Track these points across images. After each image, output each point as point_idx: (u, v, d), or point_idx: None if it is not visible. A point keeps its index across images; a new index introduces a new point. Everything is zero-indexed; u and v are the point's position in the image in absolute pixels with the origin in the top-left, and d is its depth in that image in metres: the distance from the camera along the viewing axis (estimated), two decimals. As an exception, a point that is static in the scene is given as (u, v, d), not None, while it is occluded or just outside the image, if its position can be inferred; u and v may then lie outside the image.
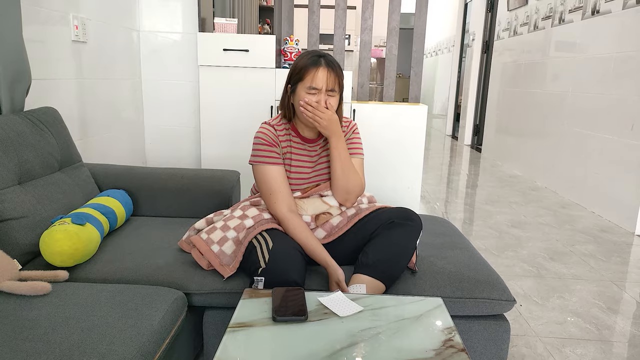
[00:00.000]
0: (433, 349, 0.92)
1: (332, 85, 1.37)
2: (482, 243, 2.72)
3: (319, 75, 1.36)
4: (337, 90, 1.39)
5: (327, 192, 1.48)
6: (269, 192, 1.40)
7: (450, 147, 6.61)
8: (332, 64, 1.38)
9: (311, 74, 1.36)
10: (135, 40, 2.82)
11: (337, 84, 1.39)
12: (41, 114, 1.60)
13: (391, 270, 1.30)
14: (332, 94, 1.39)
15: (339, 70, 1.40)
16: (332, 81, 1.37)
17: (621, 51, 3.17)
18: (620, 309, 2.00)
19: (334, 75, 1.37)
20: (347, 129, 1.53)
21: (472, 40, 6.39)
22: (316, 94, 1.37)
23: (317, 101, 1.37)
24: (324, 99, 1.37)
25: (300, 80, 1.38)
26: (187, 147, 3.04)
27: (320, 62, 1.37)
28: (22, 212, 1.34)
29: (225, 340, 0.94)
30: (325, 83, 1.36)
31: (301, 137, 1.47)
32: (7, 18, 1.49)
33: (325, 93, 1.37)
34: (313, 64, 1.36)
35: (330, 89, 1.37)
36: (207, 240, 1.37)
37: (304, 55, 1.41)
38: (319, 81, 1.36)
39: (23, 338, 0.96)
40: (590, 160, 3.50)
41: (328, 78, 1.36)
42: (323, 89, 1.36)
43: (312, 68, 1.36)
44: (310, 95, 1.37)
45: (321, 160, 1.50)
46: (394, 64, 2.92)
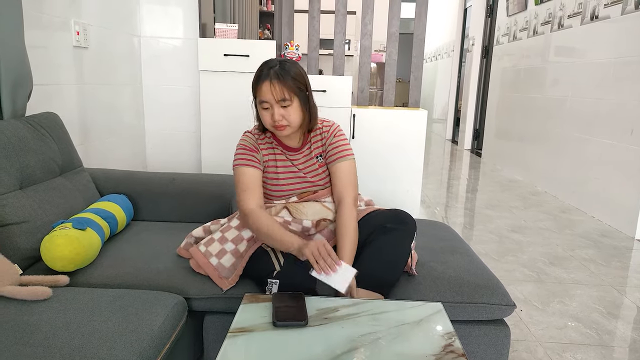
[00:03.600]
0: (433, 354, 0.92)
1: (279, 96, 1.31)
2: (482, 248, 2.72)
3: (263, 88, 1.32)
4: (289, 99, 1.32)
5: (326, 198, 1.46)
6: (243, 189, 1.39)
7: (450, 151, 6.62)
8: (277, 73, 1.31)
9: (258, 88, 1.33)
10: (136, 45, 2.84)
11: (288, 92, 1.31)
12: (42, 119, 1.61)
13: (388, 279, 1.29)
14: (285, 104, 1.33)
15: (290, 79, 1.32)
16: (279, 92, 1.31)
17: (620, 56, 3.18)
18: (620, 313, 2.00)
19: (280, 85, 1.30)
20: (328, 134, 1.47)
21: (471, 45, 6.41)
22: (269, 107, 1.33)
23: (272, 115, 1.33)
24: (277, 112, 1.32)
25: (255, 96, 1.36)
26: (188, 152, 3.05)
27: (265, 74, 1.32)
28: (23, 217, 1.35)
29: (225, 345, 0.94)
30: (271, 96, 1.31)
31: (284, 145, 1.46)
32: (9, 23, 1.50)
33: (276, 105, 1.32)
34: (259, 77, 1.33)
35: (279, 99, 1.31)
36: (206, 252, 1.37)
37: (259, 66, 1.36)
38: (265, 95, 1.32)
39: (24, 343, 0.97)
40: (590, 164, 3.50)
41: (273, 90, 1.30)
42: (272, 102, 1.32)
43: (258, 82, 1.33)
44: (265, 111, 1.34)
45: (307, 167, 1.46)
46: (393, 69, 2.93)
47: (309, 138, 1.47)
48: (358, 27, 5.71)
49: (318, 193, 1.46)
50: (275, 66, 1.33)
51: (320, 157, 1.47)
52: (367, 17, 2.86)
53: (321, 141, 1.47)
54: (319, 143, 1.47)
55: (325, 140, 1.47)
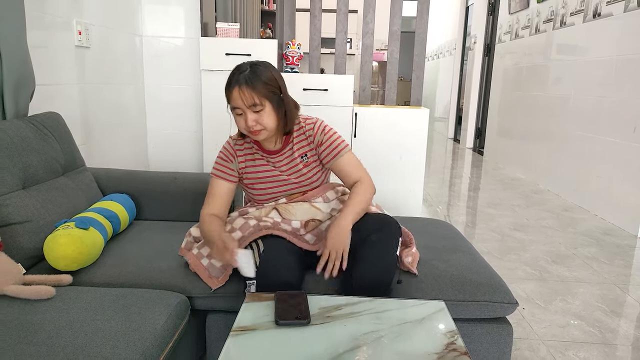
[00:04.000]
0: (436, 352, 0.92)
1: (249, 102, 1.29)
2: (485, 246, 2.71)
3: (234, 95, 1.30)
4: (260, 103, 1.30)
5: (316, 199, 1.45)
6: (208, 197, 1.45)
7: (452, 150, 6.61)
8: (247, 78, 1.29)
9: (228, 94, 1.32)
10: (138, 45, 2.84)
11: (259, 97, 1.29)
12: (45, 119, 1.61)
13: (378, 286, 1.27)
14: (257, 109, 1.31)
15: (260, 83, 1.30)
16: (248, 97, 1.29)
17: (623, 54, 3.17)
18: (623, 312, 1.99)
19: (249, 90, 1.28)
20: (314, 132, 1.44)
21: (473, 43, 6.40)
22: (242, 113, 1.32)
23: (245, 120, 1.32)
24: (249, 117, 1.31)
25: (227, 101, 1.35)
26: (190, 151, 3.05)
27: (234, 79, 1.31)
28: (26, 217, 1.35)
29: (228, 344, 0.94)
30: (241, 102, 1.30)
31: (263, 149, 1.45)
32: (11, 24, 1.50)
33: (248, 110, 1.31)
34: (229, 83, 1.32)
35: (249, 105, 1.30)
36: (197, 254, 1.39)
37: (232, 71, 1.35)
38: (235, 101, 1.31)
39: (27, 342, 0.97)
40: (593, 163, 3.49)
41: (242, 96, 1.29)
42: (243, 107, 1.31)
43: (229, 88, 1.32)
44: (238, 117, 1.34)
45: (290, 169, 1.44)
46: (395, 68, 2.93)
47: (291, 139, 1.45)
48: (359, 25, 5.70)
49: (307, 194, 1.45)
50: (246, 70, 1.31)
51: (305, 157, 1.44)
52: (368, 16, 2.86)
53: (306, 140, 1.44)
54: (303, 142, 1.45)
55: (312, 138, 1.44)
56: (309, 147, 1.45)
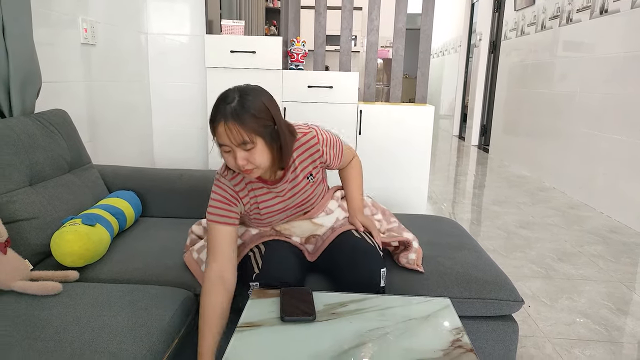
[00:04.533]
0: (441, 349, 0.92)
1: (238, 140, 1.10)
2: (490, 244, 2.71)
3: (219, 131, 1.10)
4: (250, 141, 1.10)
5: (318, 214, 1.39)
6: (211, 249, 1.23)
7: (457, 147, 6.59)
8: (234, 112, 1.09)
9: (213, 128, 1.12)
10: (144, 42, 2.85)
11: (248, 133, 1.10)
12: (51, 116, 1.62)
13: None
14: (247, 147, 1.11)
15: (250, 118, 1.10)
16: (236, 135, 1.09)
17: (630, 50, 3.15)
18: (629, 310, 1.98)
19: (237, 127, 1.08)
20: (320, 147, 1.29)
21: (479, 40, 6.37)
22: (230, 150, 1.13)
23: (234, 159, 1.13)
24: (239, 155, 1.12)
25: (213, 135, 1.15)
26: (195, 149, 3.06)
27: (221, 113, 1.10)
28: (33, 213, 1.36)
29: (233, 340, 0.94)
30: (228, 139, 1.10)
31: (263, 181, 1.29)
32: (18, 21, 1.51)
33: (237, 148, 1.11)
34: (214, 116, 1.12)
35: (238, 143, 1.10)
36: (197, 260, 1.36)
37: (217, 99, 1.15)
38: (222, 138, 1.11)
39: (35, 337, 0.98)
40: (599, 160, 3.47)
41: (228, 133, 1.09)
42: (232, 145, 1.11)
43: (213, 122, 1.12)
44: (226, 154, 1.14)
45: (298, 194, 1.32)
46: (400, 65, 2.92)
47: (292, 162, 1.28)
48: (364, 23, 5.69)
49: (309, 212, 1.38)
50: (233, 102, 1.11)
51: (311, 177, 1.32)
52: (373, 13, 2.85)
53: (310, 158, 1.30)
54: (307, 162, 1.30)
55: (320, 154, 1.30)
56: (313, 165, 1.31)
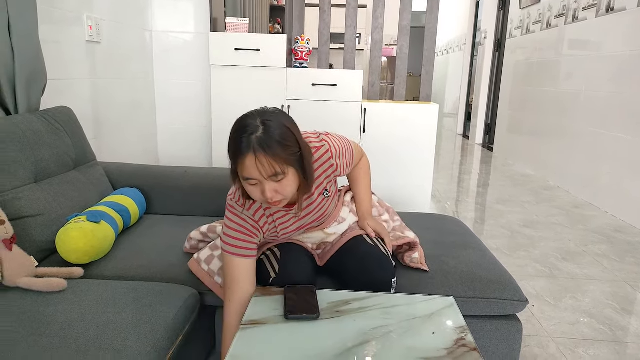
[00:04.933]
0: (445, 348, 0.92)
1: (270, 172, 1.01)
2: (494, 243, 2.70)
3: (247, 164, 1.01)
4: (282, 172, 1.02)
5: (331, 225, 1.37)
6: (230, 281, 1.17)
7: (461, 146, 6.57)
8: (262, 143, 0.99)
9: (240, 162, 1.02)
10: (148, 40, 2.85)
11: (280, 165, 1.01)
12: (56, 114, 1.62)
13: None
14: (277, 179, 1.03)
15: (278, 148, 1.00)
16: (268, 168, 1.00)
17: (636, 49, 3.13)
18: (634, 309, 1.98)
19: (268, 160, 1.00)
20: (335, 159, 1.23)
21: (483, 38, 6.34)
22: (256, 183, 1.04)
23: (262, 191, 1.04)
24: (268, 188, 1.03)
25: (236, 166, 1.05)
26: (199, 146, 3.06)
27: (248, 145, 0.99)
28: (38, 210, 1.37)
29: (237, 338, 0.94)
30: (257, 173, 1.01)
31: None
32: (23, 18, 1.51)
33: (267, 181, 1.03)
34: (240, 149, 1.00)
35: (270, 175, 1.02)
36: (209, 271, 1.33)
37: (236, 128, 1.04)
38: (250, 171, 1.01)
39: (40, 333, 0.98)
40: (604, 159, 3.45)
41: (260, 167, 1.00)
42: (261, 178, 1.02)
43: (239, 155, 1.01)
44: (251, 187, 1.06)
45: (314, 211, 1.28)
46: (405, 63, 2.91)
47: None
48: (369, 20, 5.67)
49: (323, 224, 1.35)
50: (257, 131, 1.00)
51: (327, 192, 1.28)
52: (378, 11, 2.84)
53: (325, 174, 1.24)
54: (322, 178, 1.24)
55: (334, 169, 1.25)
56: (327, 180, 1.27)
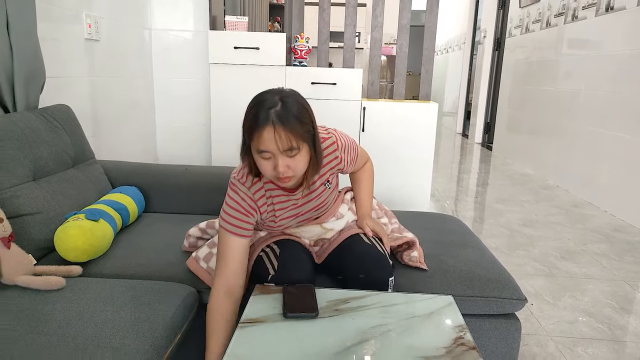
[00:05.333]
0: (444, 347, 0.92)
1: (286, 146, 1.05)
2: (493, 242, 2.70)
3: (265, 136, 1.04)
4: (296, 147, 1.06)
5: (329, 219, 1.38)
6: (221, 259, 1.18)
7: (460, 145, 6.57)
8: (283, 117, 1.03)
9: (257, 134, 1.05)
10: (147, 38, 2.84)
11: (296, 139, 1.05)
12: (55, 111, 1.62)
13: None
14: (291, 154, 1.07)
15: (296, 123, 1.05)
16: (285, 141, 1.04)
17: (635, 48, 3.13)
18: (633, 308, 1.98)
19: (286, 133, 1.03)
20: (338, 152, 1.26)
21: (483, 37, 6.34)
22: (270, 157, 1.07)
23: (275, 166, 1.07)
24: (281, 162, 1.06)
25: (251, 140, 1.08)
26: (198, 145, 3.06)
27: (267, 118, 1.03)
28: (36, 208, 1.36)
29: (236, 336, 0.94)
30: (275, 145, 1.04)
31: (282, 187, 1.24)
32: (22, 16, 1.51)
33: (281, 155, 1.06)
34: (259, 121, 1.04)
35: (285, 149, 1.05)
36: (208, 269, 1.33)
37: (254, 103, 1.08)
38: (267, 144, 1.04)
39: (38, 332, 0.98)
40: (603, 158, 3.46)
41: (278, 139, 1.03)
42: (276, 152, 1.06)
43: (258, 127, 1.04)
44: (265, 161, 1.08)
45: (313, 200, 1.30)
46: (404, 62, 2.91)
47: None
48: (368, 19, 5.67)
49: (321, 218, 1.36)
50: (276, 106, 1.05)
51: (328, 183, 1.30)
52: (377, 9, 2.84)
53: (329, 164, 1.26)
54: (325, 168, 1.26)
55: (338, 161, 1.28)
56: (331, 172, 1.29)
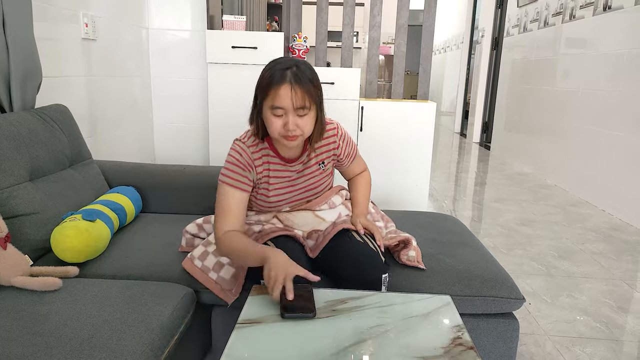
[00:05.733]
0: (442, 347, 0.92)
1: (300, 103, 1.16)
2: (491, 241, 2.70)
3: (282, 93, 1.14)
4: (308, 107, 1.18)
5: (321, 206, 1.40)
6: (221, 210, 1.26)
7: (458, 144, 6.57)
8: (299, 77, 1.15)
9: (274, 91, 1.15)
10: (144, 37, 2.84)
11: (308, 100, 1.17)
12: (52, 111, 1.61)
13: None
14: (302, 112, 1.18)
15: (310, 84, 1.17)
16: (300, 99, 1.15)
17: (633, 47, 3.13)
18: (630, 308, 1.98)
19: (302, 92, 1.15)
20: (338, 138, 1.37)
21: (481, 36, 6.34)
22: (282, 114, 1.17)
23: (285, 123, 1.17)
24: (292, 120, 1.17)
25: (265, 98, 1.18)
26: (196, 144, 3.05)
27: (285, 76, 1.15)
28: (33, 209, 1.36)
29: (233, 337, 0.94)
30: (290, 102, 1.15)
31: (280, 157, 1.32)
32: (18, 16, 1.50)
33: (293, 112, 1.17)
34: (277, 79, 1.15)
35: (298, 107, 1.16)
36: (203, 267, 1.32)
37: (271, 65, 1.20)
38: (283, 100, 1.15)
39: (34, 333, 0.98)
40: (601, 157, 3.46)
41: (294, 96, 1.15)
42: (289, 109, 1.16)
43: (275, 84, 1.15)
44: (276, 118, 1.18)
45: (304, 177, 1.37)
46: (402, 61, 2.91)
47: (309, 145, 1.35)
48: (366, 19, 5.67)
49: (312, 202, 1.39)
50: (293, 67, 1.17)
51: (323, 165, 1.37)
52: (375, 9, 2.84)
53: (326, 147, 1.36)
54: (322, 149, 1.36)
55: (335, 146, 1.38)
56: (327, 154, 1.37)
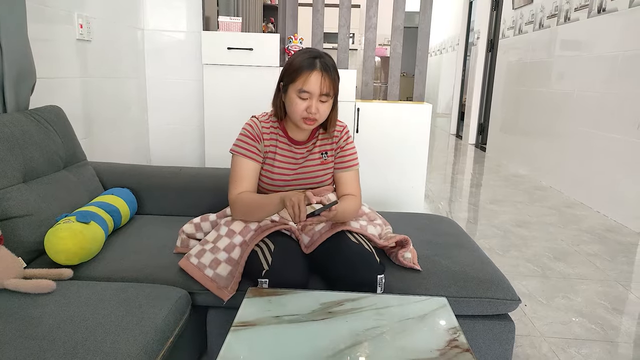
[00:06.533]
0: (438, 349, 0.92)
1: (326, 90, 1.29)
2: (487, 242, 2.71)
3: (312, 79, 1.28)
4: (331, 95, 1.32)
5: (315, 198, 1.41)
6: (235, 179, 1.38)
7: (454, 146, 6.59)
8: (327, 67, 1.30)
9: (304, 76, 1.28)
10: (140, 38, 2.83)
11: (332, 88, 1.31)
12: (46, 113, 1.60)
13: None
14: (325, 99, 1.31)
15: (335, 74, 1.32)
16: (327, 86, 1.29)
17: (627, 49, 3.15)
18: (625, 309, 1.99)
19: (329, 80, 1.29)
20: (341, 134, 1.47)
21: (476, 38, 6.37)
22: (307, 98, 1.30)
23: (308, 107, 1.30)
24: (315, 104, 1.29)
25: (292, 82, 1.30)
26: (191, 146, 3.04)
27: (316, 64, 1.28)
28: (26, 210, 1.35)
29: (229, 339, 0.94)
30: (318, 88, 1.28)
31: (289, 137, 1.42)
32: (12, 17, 1.49)
33: (317, 98, 1.30)
34: (307, 66, 1.28)
35: (324, 93, 1.30)
36: (199, 264, 1.32)
37: (300, 53, 1.33)
38: (311, 85, 1.28)
39: (27, 336, 0.97)
40: (596, 159, 3.48)
41: (322, 83, 1.28)
42: (316, 94, 1.29)
43: (306, 70, 1.28)
44: (302, 101, 1.30)
45: (307, 162, 1.44)
46: (398, 63, 2.91)
47: (316, 134, 1.45)
48: (362, 20, 5.68)
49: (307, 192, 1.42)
50: (322, 57, 1.30)
51: (325, 155, 1.45)
52: (371, 10, 2.84)
53: (330, 139, 1.46)
54: (326, 141, 1.46)
55: (337, 140, 1.46)
56: (330, 146, 1.46)
